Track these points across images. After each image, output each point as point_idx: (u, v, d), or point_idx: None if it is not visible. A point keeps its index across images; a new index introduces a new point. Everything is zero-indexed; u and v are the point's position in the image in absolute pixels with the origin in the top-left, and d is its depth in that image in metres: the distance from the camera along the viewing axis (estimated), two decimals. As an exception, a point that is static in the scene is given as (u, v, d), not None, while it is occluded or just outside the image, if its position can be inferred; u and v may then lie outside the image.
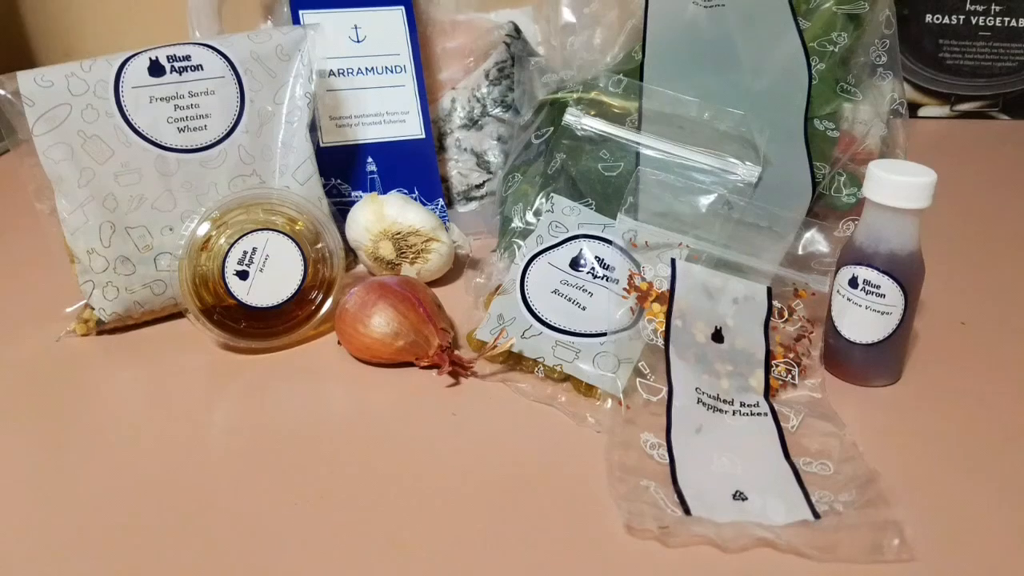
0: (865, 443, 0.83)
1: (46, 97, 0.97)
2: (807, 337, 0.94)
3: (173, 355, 0.99)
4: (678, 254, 0.95)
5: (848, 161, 1.07)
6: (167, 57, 1.03)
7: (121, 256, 0.99)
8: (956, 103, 1.85)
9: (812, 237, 0.97)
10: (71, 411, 0.90)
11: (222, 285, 0.97)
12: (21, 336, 1.02)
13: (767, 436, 0.83)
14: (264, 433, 0.86)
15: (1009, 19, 1.77)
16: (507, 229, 1.11)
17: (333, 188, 1.22)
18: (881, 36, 1.12)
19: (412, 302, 0.96)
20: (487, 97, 1.33)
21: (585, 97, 1.12)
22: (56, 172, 0.98)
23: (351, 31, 1.25)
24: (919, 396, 0.92)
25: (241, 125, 1.06)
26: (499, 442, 0.85)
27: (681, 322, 0.89)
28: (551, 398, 0.91)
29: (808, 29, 1.11)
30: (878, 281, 0.89)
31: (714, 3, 1.14)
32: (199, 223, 0.98)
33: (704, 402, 0.85)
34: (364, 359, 0.97)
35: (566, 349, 0.93)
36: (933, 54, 1.81)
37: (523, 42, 1.39)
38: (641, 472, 0.79)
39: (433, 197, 1.27)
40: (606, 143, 1.07)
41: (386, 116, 1.25)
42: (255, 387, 0.93)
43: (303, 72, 1.10)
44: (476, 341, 0.97)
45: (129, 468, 0.81)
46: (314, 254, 1.01)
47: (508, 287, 1.00)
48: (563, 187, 1.08)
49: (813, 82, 1.08)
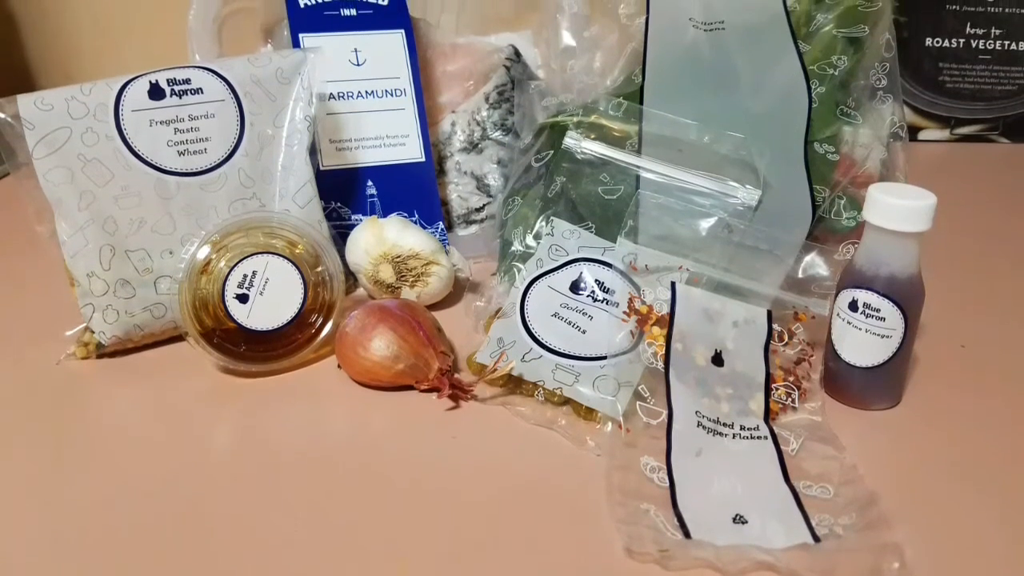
0: (865, 466, 0.83)
1: (46, 120, 0.97)
2: (807, 360, 0.94)
3: (173, 378, 0.99)
4: (678, 277, 0.96)
5: (848, 184, 1.07)
6: (167, 80, 1.03)
7: (121, 279, 1.00)
8: (956, 126, 1.86)
9: (812, 260, 0.97)
10: (71, 434, 0.90)
11: (222, 308, 0.97)
12: (21, 359, 1.02)
13: (767, 459, 0.84)
14: (264, 456, 0.86)
15: (1009, 43, 1.78)
16: (507, 252, 1.11)
17: (333, 211, 1.22)
18: (881, 59, 1.13)
19: (412, 325, 0.96)
20: (487, 120, 1.33)
21: (585, 120, 1.12)
22: (56, 195, 0.98)
23: (351, 54, 1.26)
24: (919, 419, 0.93)
25: (241, 148, 1.06)
26: (499, 465, 0.86)
27: (681, 345, 0.90)
28: (551, 421, 0.91)
29: (808, 52, 1.12)
30: (878, 304, 0.89)
31: (714, 26, 1.15)
32: (199, 246, 0.99)
33: (704, 425, 0.85)
34: (364, 382, 0.97)
35: (566, 372, 0.93)
36: (933, 77, 1.82)
37: (523, 65, 1.39)
38: (641, 495, 0.79)
39: (433, 220, 1.27)
40: (606, 166, 1.08)
41: (386, 139, 1.26)
42: (255, 410, 0.94)
43: (303, 95, 1.10)
44: (476, 364, 0.97)
45: (129, 491, 0.82)
46: (314, 277, 1.02)
47: (508, 310, 1.01)
48: (563, 210, 1.08)
49: (813, 105, 1.08)
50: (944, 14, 1.78)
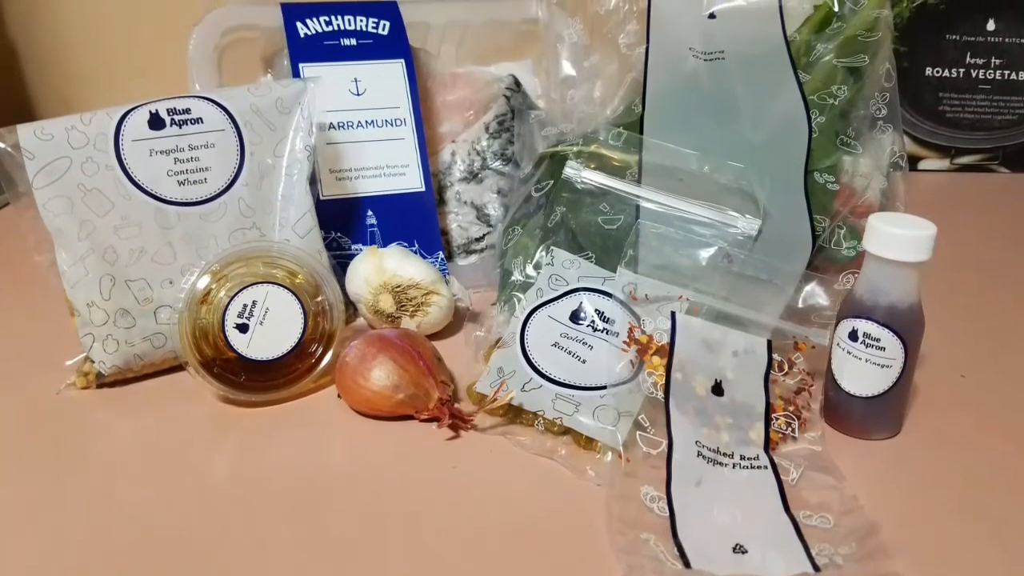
0: (865, 496, 0.84)
1: (46, 150, 0.98)
2: (807, 390, 0.95)
3: (173, 408, 0.99)
4: (678, 307, 0.96)
5: (848, 214, 1.08)
6: (167, 110, 1.04)
7: (121, 309, 1.00)
8: (956, 156, 1.87)
9: (812, 290, 0.98)
10: (71, 464, 0.90)
11: (222, 338, 0.98)
12: (21, 388, 1.02)
13: (767, 489, 0.84)
14: (264, 486, 0.87)
15: (1009, 72, 1.79)
16: (507, 282, 1.11)
17: (333, 241, 1.23)
18: (881, 89, 1.14)
19: (412, 355, 0.97)
20: (487, 150, 1.34)
21: (585, 150, 1.13)
22: (56, 225, 0.99)
23: (351, 84, 1.27)
24: (919, 449, 0.93)
25: (241, 178, 1.07)
26: (499, 495, 0.86)
27: (681, 375, 0.90)
28: (551, 451, 0.91)
29: (808, 82, 1.13)
30: (878, 334, 0.90)
31: (714, 56, 1.15)
32: (199, 276, 0.99)
33: (704, 455, 0.86)
34: (364, 412, 0.98)
35: (566, 402, 0.94)
36: (933, 107, 1.83)
37: (523, 95, 1.40)
38: (641, 525, 0.80)
39: (433, 250, 1.27)
40: (606, 196, 1.08)
41: (386, 169, 1.27)
42: (255, 440, 0.94)
43: (303, 125, 1.11)
44: (476, 394, 0.98)
45: (129, 522, 0.82)
46: (314, 307, 1.02)
47: (508, 340, 1.01)
48: (563, 240, 1.09)
49: (813, 135, 1.09)
50: (944, 44, 1.79)
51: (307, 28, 1.27)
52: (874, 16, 1.16)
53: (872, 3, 1.16)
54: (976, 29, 1.77)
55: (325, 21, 1.28)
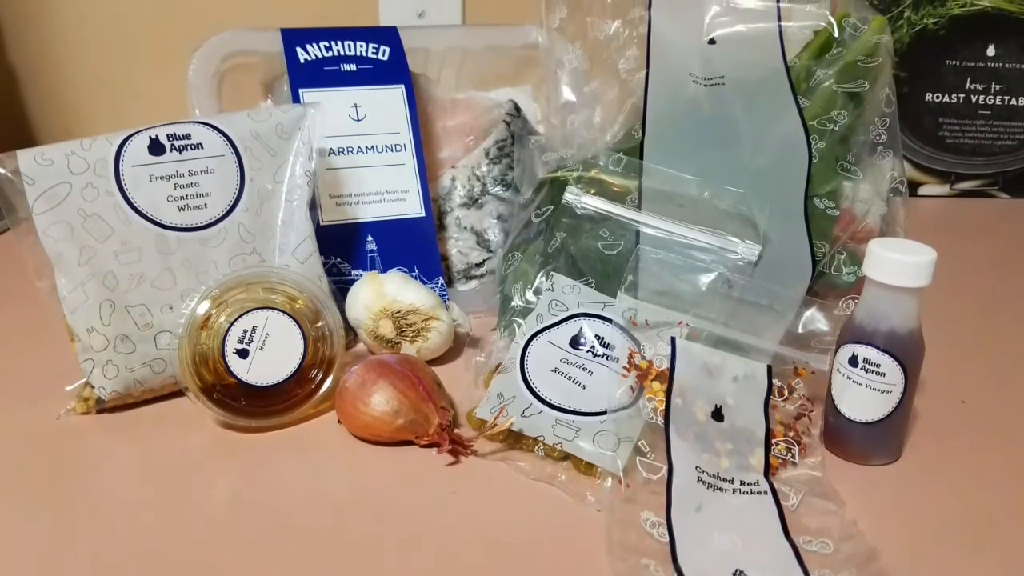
0: (865, 521, 0.84)
1: (46, 175, 0.98)
2: (807, 415, 0.95)
3: (173, 434, 0.99)
4: (678, 332, 0.97)
5: (848, 239, 1.08)
6: (167, 135, 1.04)
7: (121, 334, 1.00)
8: (956, 181, 1.88)
9: (812, 315, 0.99)
10: (71, 490, 0.90)
11: (222, 363, 0.98)
12: (21, 414, 1.02)
13: (767, 514, 0.84)
14: (264, 512, 0.87)
15: (1009, 98, 1.80)
16: (507, 308, 1.12)
17: (333, 266, 1.23)
18: (881, 115, 1.14)
19: (412, 381, 0.97)
20: (487, 175, 1.35)
21: (585, 175, 1.13)
22: (56, 250, 0.99)
23: (351, 109, 1.28)
24: (919, 474, 0.94)
25: (241, 203, 1.07)
26: (499, 520, 0.86)
27: (681, 400, 0.91)
28: (551, 477, 0.92)
29: (808, 107, 1.13)
30: (878, 359, 0.90)
31: (714, 81, 1.16)
32: (199, 301, 1.00)
33: (704, 480, 0.86)
34: (364, 437, 0.98)
35: (566, 428, 0.94)
36: (933, 132, 1.84)
37: (523, 120, 1.41)
38: (641, 550, 0.80)
39: (433, 275, 1.28)
40: (606, 221, 1.09)
41: (386, 194, 1.27)
42: (255, 466, 0.94)
43: (303, 150, 1.12)
44: (476, 419, 0.98)
45: (128, 547, 0.82)
46: (314, 332, 1.03)
47: (508, 365, 1.02)
48: (563, 265, 1.10)
49: (813, 160, 1.09)
50: (944, 69, 1.80)
51: (307, 53, 1.28)
52: (874, 42, 1.17)
53: (872, 29, 1.18)
54: (976, 55, 1.78)
55: (325, 46, 1.29)
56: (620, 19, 1.27)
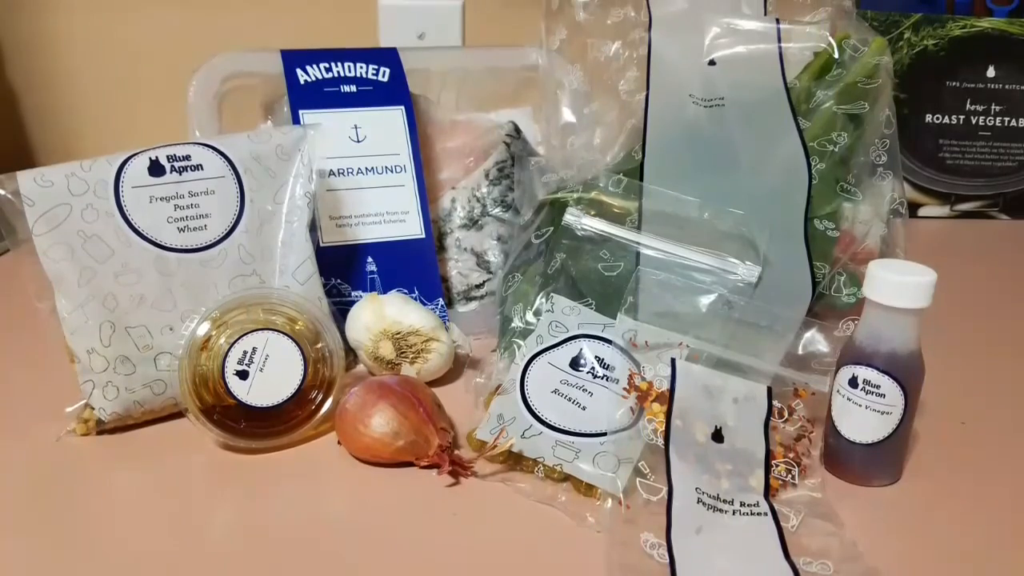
0: (865, 543, 0.85)
1: (46, 197, 0.98)
2: (807, 437, 0.96)
3: (173, 455, 0.99)
4: (678, 354, 0.97)
5: (848, 261, 1.09)
6: (167, 157, 1.04)
7: (121, 356, 1.01)
8: (956, 203, 1.88)
9: (812, 337, 0.99)
10: (71, 511, 0.90)
11: (222, 385, 0.98)
12: (21, 436, 1.02)
13: (767, 536, 0.85)
14: (264, 534, 0.87)
15: (1009, 119, 1.81)
16: (507, 329, 1.12)
17: (333, 288, 1.23)
18: (881, 136, 1.15)
19: (412, 402, 0.98)
20: (487, 197, 1.35)
21: (585, 197, 1.14)
22: (56, 271, 0.99)
23: (351, 131, 1.28)
24: (919, 496, 0.94)
25: (241, 225, 1.07)
26: (499, 542, 0.87)
27: (681, 422, 0.91)
28: (551, 498, 0.92)
29: (808, 129, 1.14)
30: (878, 381, 0.91)
31: (714, 103, 1.17)
32: (199, 323, 1.00)
33: (704, 502, 0.87)
34: (364, 459, 0.98)
35: (566, 449, 0.95)
36: (933, 154, 1.84)
37: (523, 142, 1.41)
38: (641, 572, 0.80)
39: (433, 297, 1.28)
40: (606, 243, 1.10)
41: (386, 216, 1.28)
42: (255, 487, 0.94)
43: (303, 172, 1.12)
44: (476, 441, 0.98)
45: (128, 569, 0.82)
46: (314, 354, 1.03)
47: (508, 387, 1.02)
48: (563, 287, 1.10)
49: (813, 182, 1.10)
50: (944, 91, 1.81)
51: (307, 75, 1.29)
52: (874, 63, 1.18)
53: (872, 50, 1.18)
54: (976, 76, 1.79)
55: (325, 68, 1.30)
56: (620, 40, 1.28)
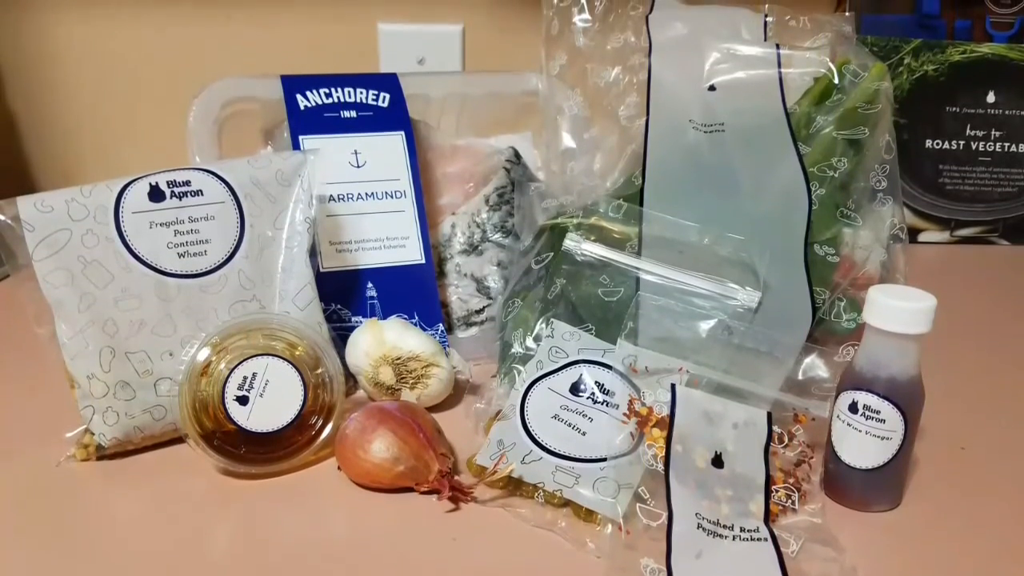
0: (865, 568, 0.85)
1: (46, 222, 0.99)
2: (807, 462, 0.96)
3: (173, 480, 0.99)
4: (678, 379, 0.98)
5: (848, 286, 1.09)
6: (167, 182, 1.05)
7: (121, 381, 1.01)
8: (956, 228, 1.88)
9: (812, 362, 0.99)
10: (71, 537, 0.91)
11: (222, 410, 0.99)
12: (21, 461, 1.03)
13: (767, 561, 0.85)
14: (264, 559, 0.88)
15: (1009, 145, 1.81)
16: (507, 354, 1.13)
17: (333, 313, 1.23)
18: (881, 161, 1.16)
19: (412, 427, 0.98)
20: (487, 222, 1.36)
21: (585, 222, 1.14)
22: (56, 297, 0.99)
23: (351, 156, 1.29)
24: (919, 521, 0.95)
25: (241, 250, 1.08)
26: (499, 567, 0.87)
27: (681, 447, 0.92)
28: (551, 523, 0.92)
29: (808, 154, 1.15)
30: (878, 406, 0.91)
31: (714, 128, 1.18)
32: (199, 348, 1.01)
33: (704, 527, 0.87)
34: (364, 484, 0.98)
35: (566, 474, 0.95)
36: (933, 179, 1.84)
37: (523, 167, 1.41)
38: (641, 597, 0.81)
39: (433, 322, 1.28)
40: (606, 268, 1.10)
41: (386, 241, 1.28)
42: (255, 513, 0.95)
43: (303, 197, 1.12)
44: (476, 466, 0.99)
45: (128, 594, 0.83)
46: (314, 379, 1.03)
47: (508, 412, 1.02)
48: (563, 312, 1.11)
49: (813, 207, 1.11)
50: (944, 116, 1.81)
51: (307, 100, 1.30)
52: (874, 88, 1.18)
53: (872, 75, 1.19)
54: (976, 101, 1.79)
55: (325, 93, 1.31)
56: (620, 66, 1.29)
